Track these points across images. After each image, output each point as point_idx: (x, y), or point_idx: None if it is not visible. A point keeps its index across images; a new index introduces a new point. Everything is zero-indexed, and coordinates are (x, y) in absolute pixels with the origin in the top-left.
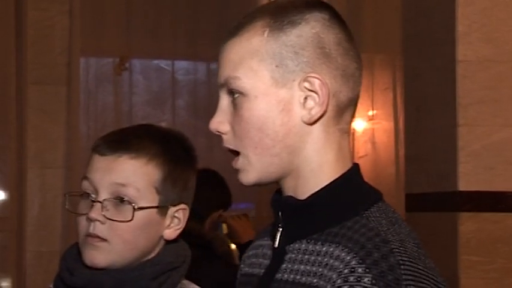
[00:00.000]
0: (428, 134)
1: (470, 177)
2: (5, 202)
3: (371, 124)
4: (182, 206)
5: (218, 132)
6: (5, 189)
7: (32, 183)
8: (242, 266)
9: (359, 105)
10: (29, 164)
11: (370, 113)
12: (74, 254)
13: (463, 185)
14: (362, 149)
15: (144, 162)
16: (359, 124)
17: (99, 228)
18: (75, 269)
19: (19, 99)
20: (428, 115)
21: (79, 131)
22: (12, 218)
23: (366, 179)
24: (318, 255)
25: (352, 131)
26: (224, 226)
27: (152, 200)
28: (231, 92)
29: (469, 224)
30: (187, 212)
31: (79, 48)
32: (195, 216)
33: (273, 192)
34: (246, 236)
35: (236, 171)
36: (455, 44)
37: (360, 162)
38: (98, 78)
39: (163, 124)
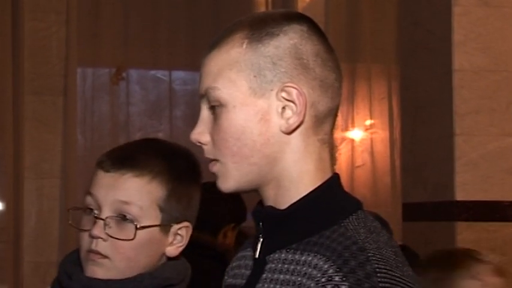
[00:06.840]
0: (425, 144)
1: (467, 187)
2: (1, 212)
3: (368, 134)
4: (185, 223)
5: (199, 143)
6: (1, 199)
7: (28, 194)
8: (226, 277)
9: (357, 115)
10: (26, 174)
11: (368, 122)
12: (73, 259)
13: (460, 195)
14: (359, 158)
15: (147, 180)
16: (357, 134)
17: (101, 246)
18: (74, 273)
19: (16, 110)
20: (424, 125)
21: (76, 141)
22: (9, 229)
23: (363, 188)
24: (297, 264)
25: (350, 140)
26: None
27: (155, 218)
28: (211, 103)
29: (466, 233)
30: (190, 229)
31: (76, 58)
32: (208, 229)
33: (255, 204)
34: None
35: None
36: (451, 54)
37: (357, 171)
38: (94, 88)
39: (160, 135)
